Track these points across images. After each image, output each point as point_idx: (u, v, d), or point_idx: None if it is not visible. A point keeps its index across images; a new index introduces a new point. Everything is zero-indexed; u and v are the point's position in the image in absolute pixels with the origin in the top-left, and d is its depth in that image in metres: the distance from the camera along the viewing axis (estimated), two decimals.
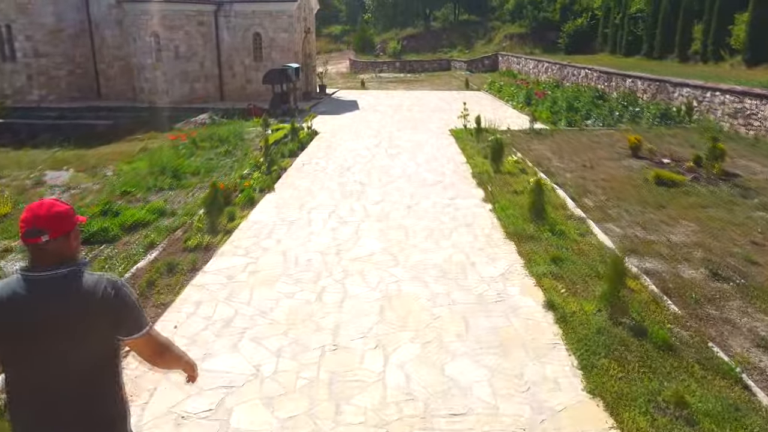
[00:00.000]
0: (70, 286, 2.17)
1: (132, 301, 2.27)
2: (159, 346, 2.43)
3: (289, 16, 23.85)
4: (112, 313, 2.21)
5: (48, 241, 2.15)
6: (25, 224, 2.17)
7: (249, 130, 17.77)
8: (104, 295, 2.19)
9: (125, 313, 2.25)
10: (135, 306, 2.29)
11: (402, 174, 11.49)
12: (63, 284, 2.16)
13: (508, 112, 21.47)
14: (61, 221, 2.20)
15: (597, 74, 24.47)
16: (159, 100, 23.47)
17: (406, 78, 39.81)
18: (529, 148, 14.06)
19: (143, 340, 2.32)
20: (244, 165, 12.38)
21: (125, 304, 2.25)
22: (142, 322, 2.31)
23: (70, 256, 2.24)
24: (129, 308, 2.26)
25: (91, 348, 2.21)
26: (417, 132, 16.90)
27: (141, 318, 2.31)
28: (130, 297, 2.27)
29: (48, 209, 2.19)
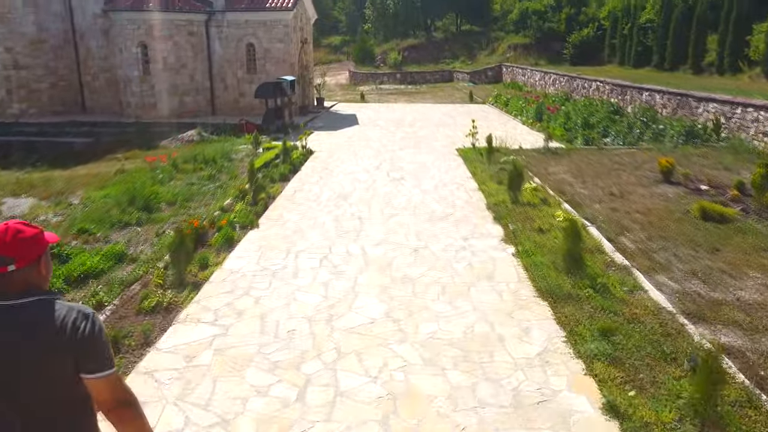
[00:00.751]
0: (37, 317, 2.01)
1: (103, 336, 2.10)
2: (124, 394, 2.14)
3: (284, 25, 22.54)
4: (81, 347, 2.02)
5: (14, 270, 2.01)
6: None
7: (239, 148, 16.38)
8: (75, 327, 2.02)
9: (94, 348, 2.06)
10: (105, 342, 2.11)
11: (406, 204, 10.06)
12: (30, 314, 2.01)
13: (517, 128, 20.08)
14: (30, 247, 2.05)
15: (610, 87, 23.12)
16: (146, 114, 22.10)
17: (407, 90, 38.52)
18: (546, 172, 12.65)
19: (107, 381, 2.08)
20: (227, 192, 10.96)
21: (96, 339, 2.06)
22: (111, 361, 2.11)
23: (40, 284, 2.10)
24: (99, 344, 2.07)
25: (61, 388, 2.04)
26: (421, 151, 15.50)
27: (110, 356, 2.11)
28: (101, 331, 2.09)
29: (14, 235, 2.03)
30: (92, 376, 2.05)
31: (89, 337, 2.03)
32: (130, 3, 21.48)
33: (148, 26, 21.40)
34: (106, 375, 2.06)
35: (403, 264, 7.21)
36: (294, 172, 12.83)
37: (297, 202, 10.29)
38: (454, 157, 14.56)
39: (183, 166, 13.30)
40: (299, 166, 13.37)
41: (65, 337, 2.00)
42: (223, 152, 15.14)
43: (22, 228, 2.06)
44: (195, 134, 18.54)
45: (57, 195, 11.50)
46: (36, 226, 2.13)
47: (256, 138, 15.23)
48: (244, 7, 22.39)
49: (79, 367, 2.04)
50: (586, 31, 41.24)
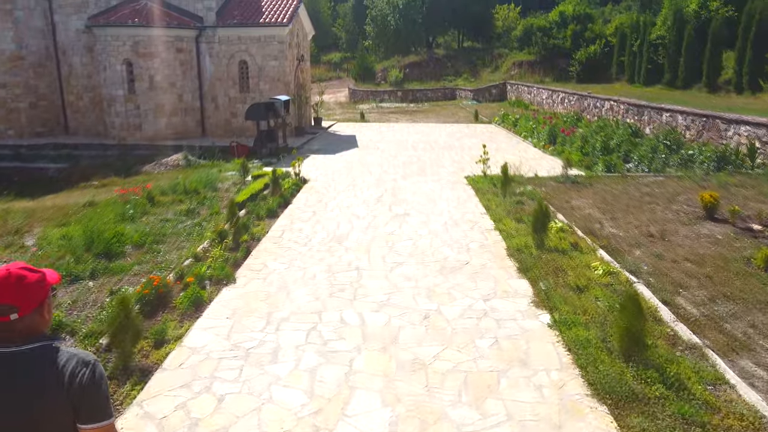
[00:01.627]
0: (36, 364, 1.96)
1: (103, 385, 2.04)
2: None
3: (279, 42, 21.22)
4: (79, 397, 1.97)
5: (17, 319, 1.96)
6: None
7: (226, 176, 14.94)
8: (73, 375, 1.97)
9: (92, 398, 2.00)
10: (104, 392, 2.05)
11: (413, 249, 8.56)
12: (28, 362, 1.96)
13: (529, 151, 18.64)
14: (33, 294, 2.00)
15: (625, 107, 21.74)
16: (131, 136, 20.71)
17: (408, 108, 37.22)
18: (569, 205, 11.18)
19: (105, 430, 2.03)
20: (205, 232, 9.47)
21: (95, 389, 2.00)
22: (109, 410, 2.06)
23: (42, 329, 2.05)
24: (98, 394, 2.01)
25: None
26: (426, 180, 14.04)
27: (108, 406, 2.06)
28: (101, 381, 2.03)
29: (17, 281, 1.96)
30: (88, 427, 2.00)
31: (88, 387, 1.98)
32: (114, 18, 20.19)
33: (134, 42, 20.08)
34: (102, 426, 2.02)
35: (411, 339, 5.70)
36: (284, 206, 11.36)
37: (284, 246, 8.79)
38: (463, 187, 13.09)
39: (160, 199, 11.82)
40: (290, 199, 11.89)
41: (64, 386, 1.95)
42: (208, 180, 13.69)
43: (24, 274, 2.00)
44: (181, 158, 17.12)
45: (11, 234, 10.01)
46: (38, 269, 2.06)
47: (244, 165, 13.78)
48: (237, 22, 21.10)
49: (77, 416, 1.99)
50: (593, 48, 40.05)
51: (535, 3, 57.49)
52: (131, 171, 16.75)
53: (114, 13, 20.57)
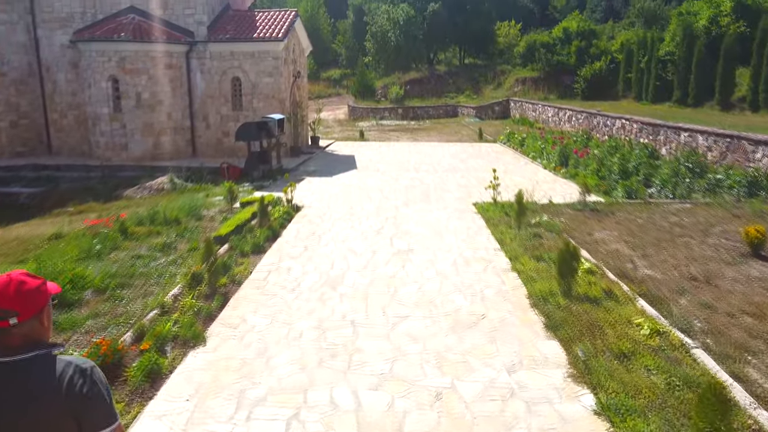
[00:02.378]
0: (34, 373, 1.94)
1: (104, 391, 2.02)
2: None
3: (274, 57, 20.15)
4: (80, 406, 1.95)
5: (16, 324, 1.94)
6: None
7: (213, 201, 13.75)
8: (71, 383, 1.96)
9: (93, 405, 1.99)
10: (105, 396, 2.02)
11: (418, 296, 7.31)
12: (26, 371, 1.94)
13: (539, 174, 17.46)
14: (33, 300, 1.99)
15: (638, 126, 20.60)
16: (116, 156, 19.54)
17: (409, 126, 36.16)
18: (592, 238, 9.95)
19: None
20: (178, 275, 8.23)
21: (94, 396, 1.98)
22: (112, 416, 2.03)
23: (41, 337, 2.02)
24: (98, 400, 2.00)
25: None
26: (431, 207, 12.82)
27: (112, 411, 2.03)
28: (101, 387, 2.02)
29: (17, 287, 1.96)
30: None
31: (87, 395, 1.97)
32: (100, 32, 19.13)
33: (120, 58, 19.00)
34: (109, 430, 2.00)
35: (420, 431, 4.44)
36: (273, 239, 10.13)
37: (269, 293, 7.53)
38: (472, 216, 11.86)
39: (134, 230, 10.59)
40: (280, 230, 10.66)
41: (62, 395, 1.93)
42: (192, 208, 12.48)
43: (25, 279, 2.00)
44: (166, 182, 15.93)
45: None
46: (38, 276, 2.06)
47: (231, 191, 12.57)
48: (229, 37, 20.04)
49: (81, 425, 1.97)
50: (599, 65, 39.13)
51: (535, 20, 56.85)
52: (112, 195, 15.56)
53: (99, 28, 19.53)
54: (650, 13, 49.48)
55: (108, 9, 20.24)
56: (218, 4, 21.19)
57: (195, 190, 15.75)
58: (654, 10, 49.79)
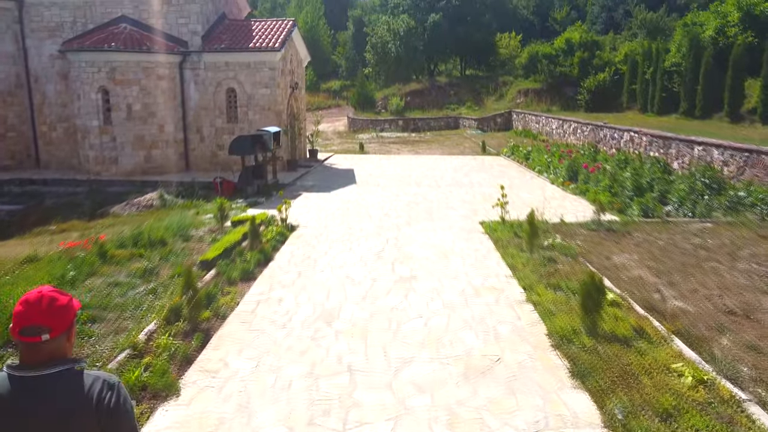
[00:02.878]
0: (62, 388, 1.99)
1: (128, 406, 2.09)
2: None
3: (270, 68, 19.44)
4: (106, 419, 2.01)
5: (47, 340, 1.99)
6: (22, 320, 1.99)
7: (203, 219, 12.96)
8: (100, 398, 2.01)
9: (118, 419, 2.04)
10: (130, 412, 2.09)
11: (424, 334, 6.49)
12: (55, 385, 1.98)
13: (546, 189, 16.68)
14: (63, 316, 2.03)
15: (648, 139, 19.85)
16: (106, 171, 18.78)
17: (410, 138, 35.46)
18: (612, 263, 9.15)
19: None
20: (159, 303, 7.42)
21: (120, 410, 2.05)
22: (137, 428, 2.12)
23: (65, 354, 2.06)
24: (123, 415, 2.06)
25: None
26: (435, 226, 12.02)
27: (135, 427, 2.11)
28: (127, 402, 2.09)
29: (50, 303, 2.01)
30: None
31: (114, 409, 2.01)
32: (89, 42, 18.43)
33: (111, 69, 18.28)
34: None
35: None
36: (265, 263, 9.32)
37: (256, 329, 6.71)
38: (479, 237, 11.06)
39: (115, 253, 9.79)
40: (273, 254, 9.86)
41: (91, 409, 1.98)
42: (180, 227, 11.68)
43: (56, 295, 2.04)
44: (155, 198, 15.15)
45: None
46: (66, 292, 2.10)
47: (222, 209, 11.77)
48: (225, 47, 19.34)
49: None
50: (602, 76, 38.50)
51: (535, 32, 56.37)
52: (98, 212, 14.78)
53: (90, 37, 18.84)
54: (653, 24, 48.99)
55: (99, 18, 19.57)
56: (213, 14, 20.53)
57: (185, 207, 14.97)
58: (656, 22, 49.31)
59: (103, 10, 19.50)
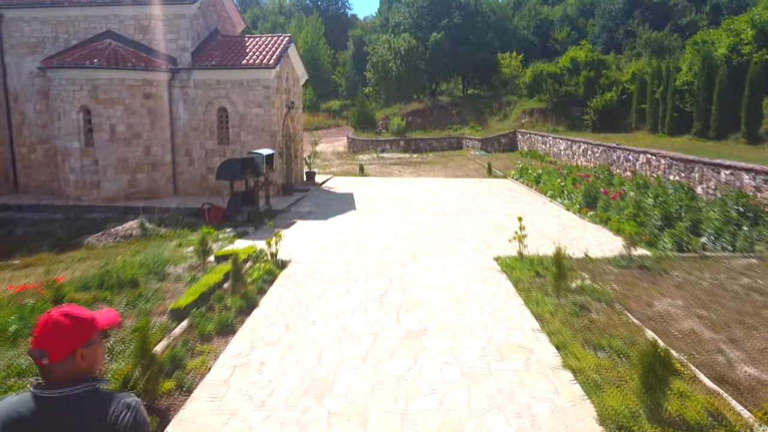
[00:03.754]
0: (81, 407, 2.01)
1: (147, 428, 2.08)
2: None
3: (264, 86, 18.24)
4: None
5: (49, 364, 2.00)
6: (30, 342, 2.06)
7: (184, 253, 11.61)
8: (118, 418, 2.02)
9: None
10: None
11: (439, 419, 5.09)
12: (74, 406, 2.00)
13: (562, 217, 15.36)
14: (64, 341, 2.01)
15: (667, 161, 18.58)
16: (87, 195, 17.47)
17: (412, 159, 34.25)
18: (654, 311, 7.79)
19: None
20: (113, 367, 6.03)
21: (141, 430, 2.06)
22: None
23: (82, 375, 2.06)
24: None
25: None
26: (444, 262, 10.66)
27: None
28: (145, 423, 2.08)
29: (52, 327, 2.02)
30: None
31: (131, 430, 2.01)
32: (70, 59, 17.24)
33: (93, 87, 17.07)
34: None
35: None
36: (248, 311, 7.95)
37: (227, 408, 5.32)
38: (495, 276, 9.69)
39: (75, 297, 8.42)
40: (258, 298, 8.48)
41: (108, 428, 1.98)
42: (155, 263, 10.31)
43: (61, 320, 2.04)
44: (135, 227, 13.82)
45: None
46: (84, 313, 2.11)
47: (204, 243, 10.42)
48: (216, 63, 18.16)
49: None
50: (610, 95, 37.47)
51: (536, 52, 55.63)
52: (71, 243, 13.45)
53: (71, 54, 17.67)
54: (657, 43, 48.14)
55: (82, 34, 18.44)
56: (205, 29, 19.40)
57: (168, 237, 13.64)
58: (661, 41, 48.47)
59: (87, 25, 18.37)
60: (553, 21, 61.28)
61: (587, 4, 63.38)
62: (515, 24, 59.51)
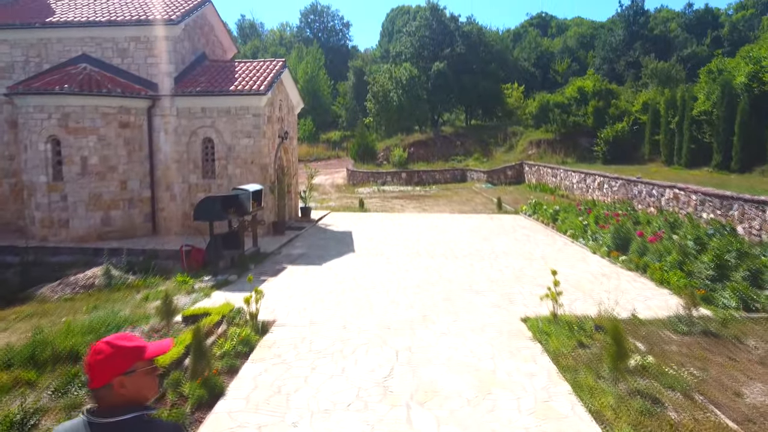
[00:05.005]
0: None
1: None
2: None
3: (254, 115, 16.54)
4: None
5: (94, 389, 2.09)
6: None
7: (147, 311, 9.68)
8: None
9: None
10: None
11: None
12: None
13: (589, 261, 13.48)
14: (102, 370, 2.06)
15: (699, 197, 16.78)
16: (54, 235, 15.61)
17: (414, 192, 32.50)
18: (747, 404, 5.88)
19: None
20: None
21: None
22: None
23: (129, 403, 2.09)
24: None
25: None
26: (461, 325, 8.72)
27: None
28: None
29: (94, 354, 2.09)
30: None
31: None
32: (39, 84, 15.58)
33: (63, 115, 15.37)
34: None
35: None
36: (209, 405, 6.01)
37: None
38: (527, 345, 7.75)
39: None
40: (226, 384, 6.53)
41: None
42: (108, 326, 8.39)
43: (102, 348, 2.09)
44: (99, 274, 11.93)
45: None
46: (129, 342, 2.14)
47: (167, 301, 8.50)
48: (201, 90, 16.50)
49: None
50: (621, 126, 35.95)
51: (537, 84, 54.60)
52: (21, 295, 11.53)
53: (42, 78, 16.03)
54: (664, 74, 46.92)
55: (56, 58, 16.82)
56: (190, 53, 17.80)
57: (136, 287, 11.73)
58: (668, 71, 47.27)
59: (60, 48, 16.77)
60: (554, 53, 60.59)
61: (587, 36, 62.78)
62: (516, 55, 58.63)
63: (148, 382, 2.14)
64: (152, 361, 2.16)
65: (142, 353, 2.10)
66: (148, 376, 2.14)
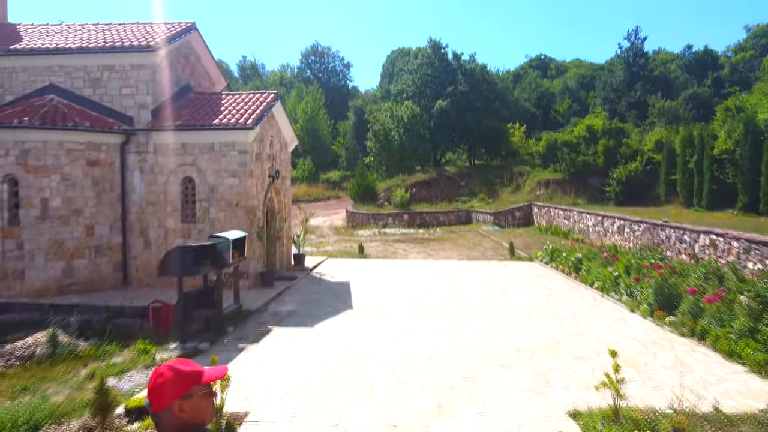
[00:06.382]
0: None
1: None
2: None
3: (240, 151, 14.72)
4: None
5: (153, 414, 2.08)
6: None
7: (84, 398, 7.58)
8: None
9: None
10: None
11: None
12: None
13: (629, 322, 11.40)
14: (160, 394, 2.07)
15: (742, 244, 14.79)
16: (8, 289, 13.58)
17: (417, 235, 30.52)
18: None
19: None
20: None
21: None
22: None
23: (187, 427, 2.07)
24: None
25: None
26: (490, 422, 6.60)
27: None
28: None
29: (154, 379, 2.10)
30: None
31: None
32: None
33: (21, 152, 13.56)
34: None
35: None
36: None
37: None
38: None
39: None
40: None
41: None
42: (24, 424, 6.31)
43: (163, 372, 2.09)
44: (43, 341, 9.85)
45: None
46: (188, 367, 2.13)
47: (102, 390, 6.44)
48: (180, 124, 14.73)
49: None
50: (633, 165, 34.27)
51: (538, 124, 53.47)
52: None
53: (2, 111, 14.25)
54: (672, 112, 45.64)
55: (20, 89, 15.14)
56: (172, 84, 16.10)
57: (85, 358, 9.64)
58: (676, 110, 46.02)
59: (25, 78, 15.10)
60: (554, 93, 59.90)
61: (587, 77, 62.15)
62: (516, 96, 57.77)
63: (205, 406, 2.12)
64: (209, 386, 2.14)
65: (200, 378, 2.10)
66: (204, 399, 2.12)
